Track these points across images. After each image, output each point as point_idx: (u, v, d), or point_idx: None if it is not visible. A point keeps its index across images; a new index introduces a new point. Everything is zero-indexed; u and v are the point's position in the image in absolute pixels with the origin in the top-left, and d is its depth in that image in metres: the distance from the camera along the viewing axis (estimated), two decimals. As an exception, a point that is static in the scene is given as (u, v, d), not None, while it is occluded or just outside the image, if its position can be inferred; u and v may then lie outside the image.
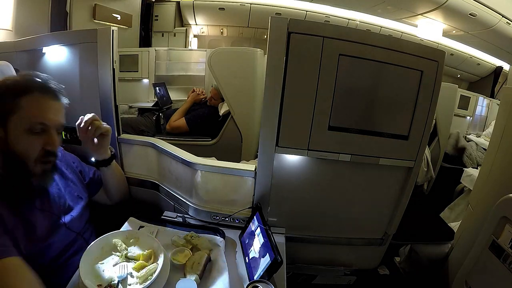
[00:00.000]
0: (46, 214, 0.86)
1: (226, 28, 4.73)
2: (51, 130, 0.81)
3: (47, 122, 0.80)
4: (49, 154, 0.82)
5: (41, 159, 0.81)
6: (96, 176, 1.13)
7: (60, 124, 0.85)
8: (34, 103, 0.79)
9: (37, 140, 0.79)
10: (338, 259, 1.33)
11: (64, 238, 0.89)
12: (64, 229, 0.89)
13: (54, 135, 0.82)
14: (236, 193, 1.16)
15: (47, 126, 0.80)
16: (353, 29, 1.01)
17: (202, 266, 0.86)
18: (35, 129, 0.79)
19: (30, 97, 0.79)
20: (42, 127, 0.80)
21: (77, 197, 1.00)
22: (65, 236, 0.90)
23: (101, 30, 1.13)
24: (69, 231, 0.91)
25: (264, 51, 1.72)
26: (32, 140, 0.79)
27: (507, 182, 1.14)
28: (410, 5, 3.11)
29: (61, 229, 0.88)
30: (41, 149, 0.80)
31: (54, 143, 0.82)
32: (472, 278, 1.05)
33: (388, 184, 1.17)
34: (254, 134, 2.03)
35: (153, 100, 2.90)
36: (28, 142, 0.79)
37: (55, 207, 0.89)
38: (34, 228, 0.80)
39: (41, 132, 0.80)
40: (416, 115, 1.05)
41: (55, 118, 0.83)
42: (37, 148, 0.80)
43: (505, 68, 4.38)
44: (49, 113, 0.81)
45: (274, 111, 1.00)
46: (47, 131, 0.81)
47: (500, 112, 1.36)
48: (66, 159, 1.06)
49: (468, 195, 1.92)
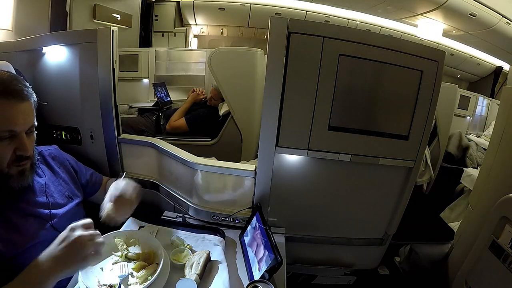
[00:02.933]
0: (32, 214, 0.83)
1: (226, 28, 4.73)
2: (21, 134, 0.77)
3: (15, 128, 0.75)
4: (22, 158, 0.79)
5: (14, 163, 0.78)
6: (94, 178, 1.12)
7: (30, 126, 0.80)
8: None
9: (6, 147, 0.75)
10: (338, 259, 1.33)
11: (51, 238, 0.84)
12: (50, 229, 0.86)
13: (23, 139, 0.77)
14: (236, 193, 1.16)
15: (15, 131, 0.76)
16: (353, 29, 1.01)
17: (202, 266, 0.85)
18: (2, 136, 0.74)
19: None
20: (11, 133, 0.75)
21: (67, 196, 0.97)
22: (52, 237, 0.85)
23: (101, 30, 1.13)
24: (57, 232, 0.87)
25: (264, 51, 1.72)
26: (2, 146, 0.75)
27: (507, 182, 1.14)
28: (410, 5, 3.11)
29: (49, 231, 0.85)
30: (12, 153, 0.77)
31: (25, 147, 0.78)
32: (472, 278, 1.05)
33: (388, 184, 1.17)
34: (254, 134, 2.03)
35: (153, 100, 2.89)
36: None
37: (41, 208, 0.87)
38: (19, 230, 0.78)
39: (10, 138, 0.76)
40: (416, 115, 1.05)
41: (24, 122, 0.77)
42: (8, 154, 0.76)
43: (505, 68, 4.38)
44: (15, 118, 0.75)
45: (274, 111, 1.01)
46: (17, 136, 0.76)
47: (500, 112, 1.36)
48: (60, 158, 1.04)
49: (468, 195, 1.92)
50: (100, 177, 1.16)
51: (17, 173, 0.79)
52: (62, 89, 1.22)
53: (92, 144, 1.28)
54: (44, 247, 0.82)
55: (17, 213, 0.81)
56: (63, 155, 1.07)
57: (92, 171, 1.13)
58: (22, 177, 0.81)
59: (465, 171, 2.18)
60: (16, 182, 0.80)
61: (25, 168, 0.81)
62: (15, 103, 0.75)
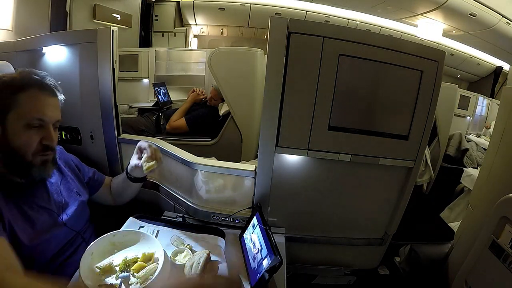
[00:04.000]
0: (46, 210, 0.87)
1: (226, 28, 4.73)
2: (49, 125, 0.83)
3: (44, 117, 0.82)
4: (47, 148, 0.84)
5: (40, 153, 0.83)
6: (96, 177, 1.14)
7: (57, 120, 0.87)
8: (31, 100, 0.81)
9: (35, 135, 0.81)
10: (338, 259, 1.33)
11: (63, 236, 0.90)
12: (63, 227, 0.90)
13: (51, 130, 0.84)
14: (236, 193, 1.16)
15: (44, 121, 0.82)
16: (353, 29, 1.01)
17: (202, 266, 0.85)
18: (33, 124, 0.80)
19: (28, 94, 0.81)
20: (40, 123, 0.82)
21: (76, 193, 1.00)
22: (64, 234, 0.90)
23: (101, 30, 1.13)
24: (68, 229, 0.91)
25: (264, 51, 1.72)
26: (30, 135, 0.81)
27: (507, 182, 1.14)
28: (410, 5, 3.12)
29: (60, 227, 0.89)
30: (38, 143, 0.82)
31: (52, 138, 0.84)
32: (472, 278, 1.05)
33: (388, 184, 1.17)
34: (254, 134, 2.03)
35: (153, 100, 2.90)
36: (26, 137, 0.80)
37: (54, 204, 0.90)
38: (34, 223, 0.82)
39: (39, 127, 0.82)
40: (416, 115, 1.05)
41: (52, 114, 0.84)
42: (35, 142, 0.82)
43: (505, 68, 4.39)
44: (46, 109, 0.83)
45: (274, 111, 1.01)
46: (45, 126, 0.83)
47: (500, 112, 1.36)
48: (65, 158, 1.07)
49: (468, 195, 1.92)
50: (102, 176, 1.17)
51: (40, 163, 0.84)
52: (62, 89, 1.22)
53: (92, 144, 1.28)
54: (54, 243, 0.85)
55: (32, 207, 0.84)
56: (67, 155, 1.09)
57: (94, 170, 1.16)
58: (44, 168, 0.86)
59: (465, 171, 2.18)
60: (37, 173, 0.84)
61: (47, 159, 0.86)
62: (48, 95, 0.84)
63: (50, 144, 0.84)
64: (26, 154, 0.81)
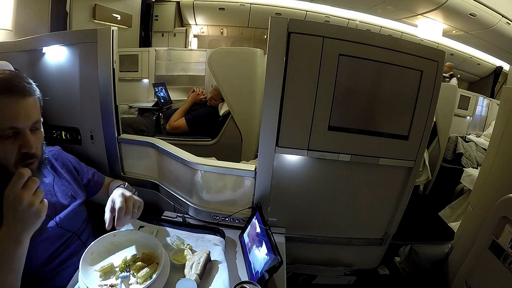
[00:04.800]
0: None
1: (226, 28, 4.74)
2: (25, 131, 0.76)
3: (17, 124, 0.74)
4: (27, 156, 0.77)
5: (21, 162, 0.77)
6: (96, 178, 1.12)
7: (35, 121, 0.79)
8: (0, 108, 0.72)
9: (10, 145, 0.74)
10: (338, 259, 1.33)
11: (55, 236, 0.87)
12: (55, 227, 0.87)
13: (28, 136, 0.76)
14: (236, 193, 1.16)
15: (18, 128, 0.75)
16: (353, 29, 1.01)
17: (202, 266, 0.85)
18: (6, 134, 0.73)
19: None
20: (14, 131, 0.74)
21: (71, 196, 0.98)
22: (57, 235, 0.88)
23: (101, 30, 1.13)
24: (62, 230, 0.89)
25: (264, 51, 1.72)
26: (6, 145, 0.74)
27: (507, 182, 1.15)
28: (410, 5, 3.12)
29: (51, 228, 0.86)
30: (18, 152, 0.76)
31: (30, 144, 0.76)
32: (472, 278, 1.05)
33: (388, 184, 1.17)
34: (254, 134, 2.03)
35: (153, 100, 2.90)
36: (2, 148, 0.74)
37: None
38: None
39: (14, 136, 0.75)
40: (416, 115, 1.05)
41: (27, 118, 0.76)
42: (14, 153, 0.75)
43: (505, 68, 4.39)
44: (18, 115, 0.74)
45: (274, 111, 1.00)
46: (20, 133, 0.75)
47: (500, 112, 1.36)
48: (63, 158, 1.05)
49: (468, 195, 1.92)
50: (102, 177, 1.16)
51: None
52: (62, 89, 1.22)
53: (92, 144, 1.28)
54: (48, 244, 0.83)
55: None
56: (65, 156, 1.07)
57: (94, 171, 1.14)
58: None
59: (465, 171, 2.18)
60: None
61: (31, 168, 0.78)
62: (17, 99, 0.75)
63: (30, 151, 0.77)
64: (7, 166, 0.75)
